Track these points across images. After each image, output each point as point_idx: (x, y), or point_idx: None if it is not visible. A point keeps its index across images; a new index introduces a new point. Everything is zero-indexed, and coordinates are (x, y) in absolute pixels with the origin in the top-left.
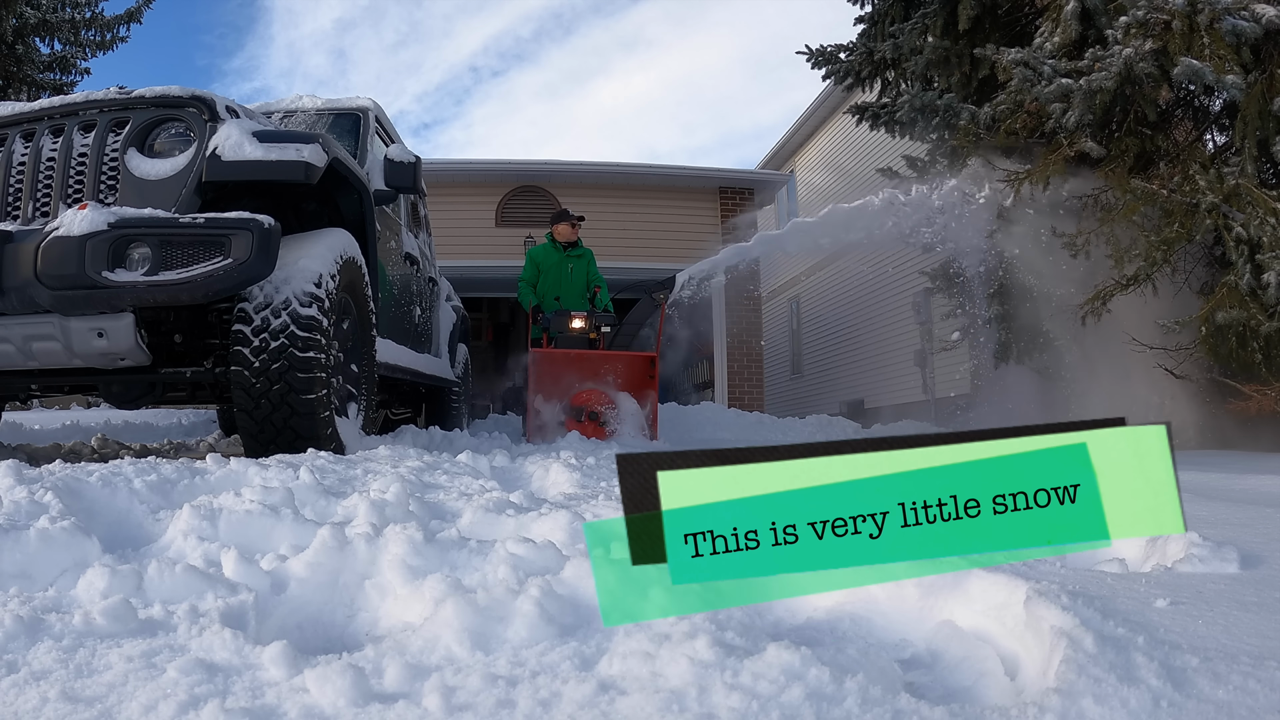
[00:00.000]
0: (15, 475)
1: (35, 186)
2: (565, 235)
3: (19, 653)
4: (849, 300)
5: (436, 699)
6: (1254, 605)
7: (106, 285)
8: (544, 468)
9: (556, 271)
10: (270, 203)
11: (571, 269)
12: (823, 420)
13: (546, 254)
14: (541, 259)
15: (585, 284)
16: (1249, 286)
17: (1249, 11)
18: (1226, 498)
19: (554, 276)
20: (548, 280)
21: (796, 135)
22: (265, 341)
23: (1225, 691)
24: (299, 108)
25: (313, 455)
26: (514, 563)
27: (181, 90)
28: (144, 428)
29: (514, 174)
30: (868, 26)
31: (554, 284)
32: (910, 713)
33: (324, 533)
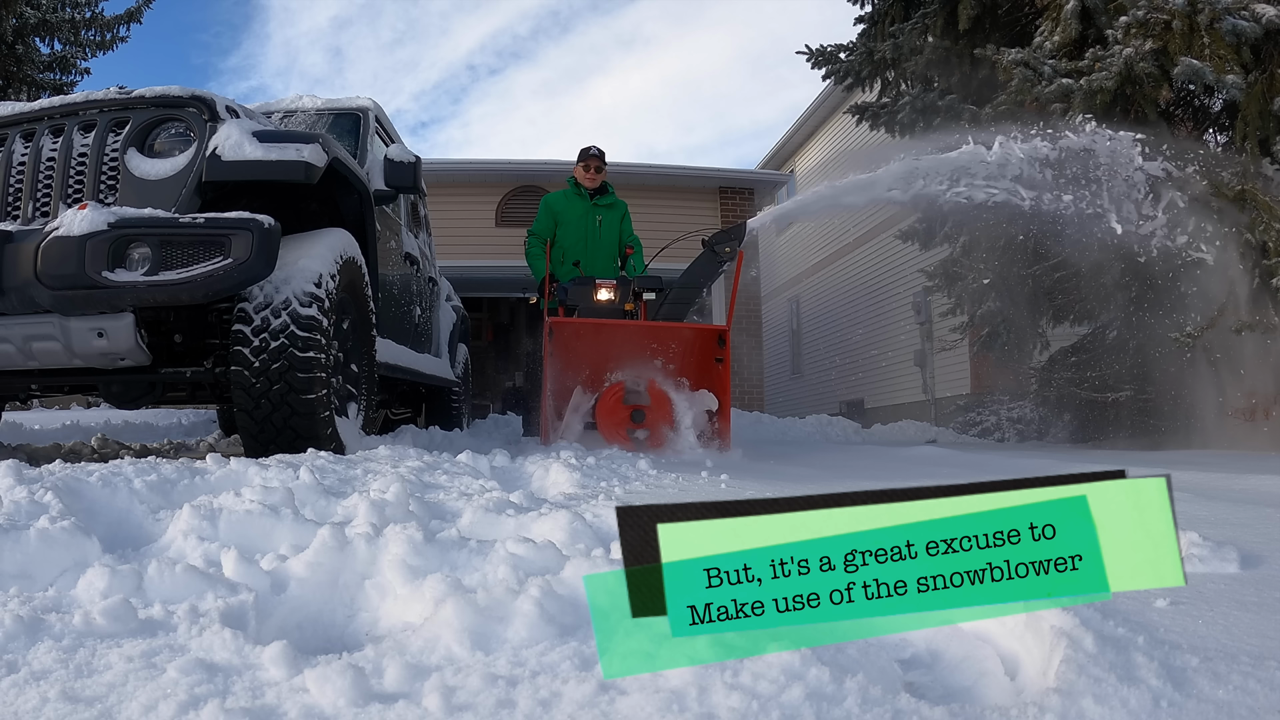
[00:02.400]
0: (15, 475)
1: (35, 186)
2: (589, 179)
3: (19, 653)
4: (849, 300)
5: (436, 699)
6: (1254, 605)
7: (106, 285)
8: (544, 468)
9: (580, 225)
10: (270, 203)
11: (600, 222)
12: (822, 420)
13: (567, 202)
14: (561, 208)
15: (618, 244)
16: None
17: (1249, 11)
18: (1226, 498)
19: (576, 232)
20: (568, 237)
21: (796, 135)
22: (265, 341)
23: (1225, 691)
24: (299, 108)
25: (313, 455)
26: (514, 563)
27: (181, 90)
28: (144, 428)
29: (514, 174)
30: (868, 26)
31: (576, 242)
32: (910, 713)
33: (324, 533)
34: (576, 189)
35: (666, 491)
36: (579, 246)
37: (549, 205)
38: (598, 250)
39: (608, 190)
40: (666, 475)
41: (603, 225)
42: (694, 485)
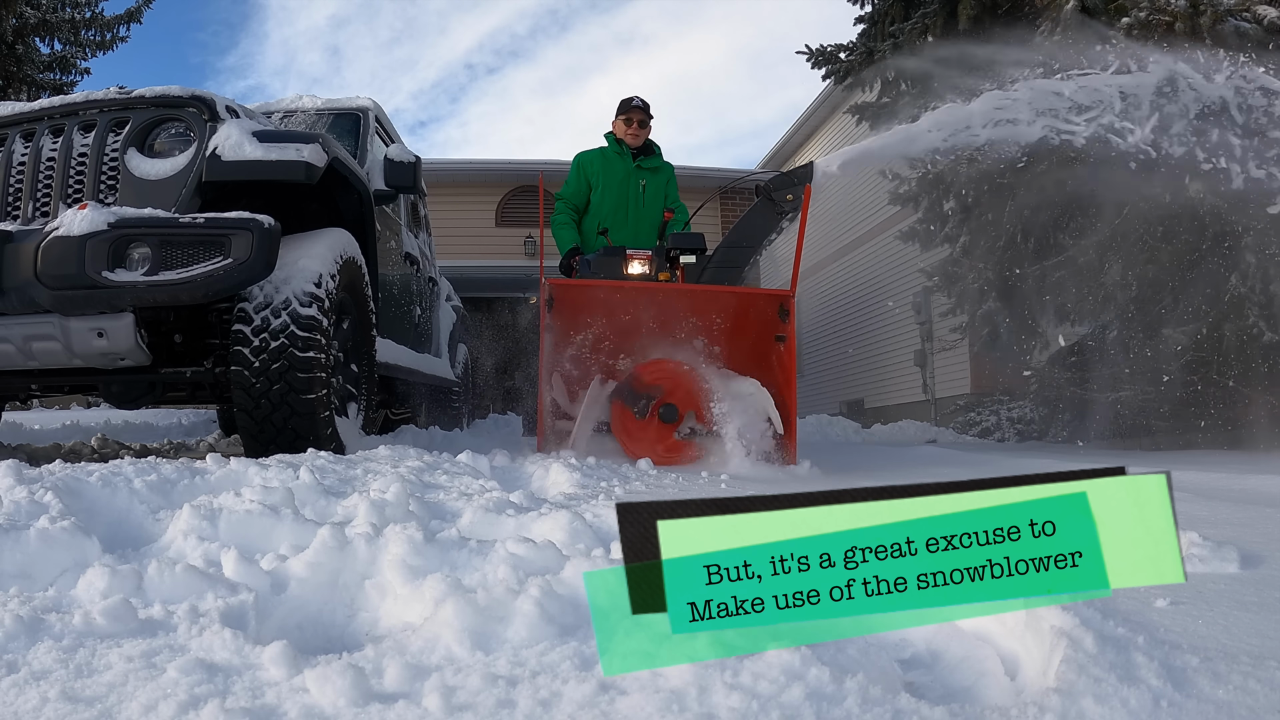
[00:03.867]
0: (15, 475)
1: (35, 186)
2: (632, 135)
3: (19, 653)
4: (849, 300)
5: (436, 699)
6: (1254, 605)
7: (106, 285)
8: (544, 468)
9: (619, 191)
10: (270, 203)
11: (644, 188)
12: (822, 420)
13: (605, 162)
14: (597, 169)
15: (662, 215)
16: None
17: (1251, 13)
18: (1226, 498)
19: (614, 198)
20: (604, 203)
21: (796, 135)
22: (265, 341)
23: (1225, 691)
24: (299, 108)
25: (313, 455)
26: (514, 563)
27: (181, 90)
28: (144, 428)
29: (514, 174)
30: (868, 26)
31: (614, 210)
32: (910, 713)
33: (324, 533)
34: (617, 147)
35: (667, 491)
36: (617, 216)
37: (582, 166)
38: (639, 221)
39: (654, 150)
40: (667, 475)
41: (646, 192)
42: (694, 485)
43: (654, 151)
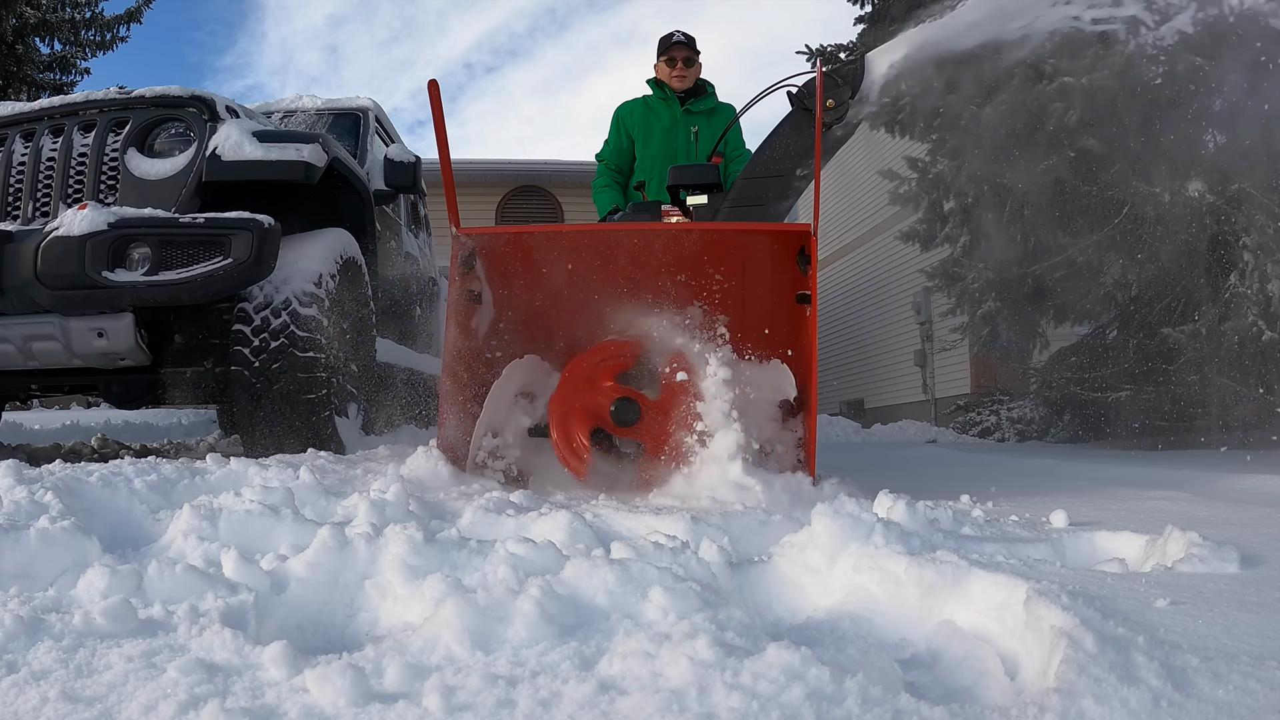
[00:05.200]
0: (15, 475)
1: (35, 186)
2: (676, 77)
3: (19, 653)
4: (849, 300)
5: (436, 699)
6: (1254, 605)
7: (106, 285)
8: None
9: (667, 141)
10: (270, 203)
11: (696, 134)
12: (822, 420)
13: (648, 111)
14: (638, 119)
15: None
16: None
17: None
18: (1226, 498)
19: (662, 150)
20: (649, 157)
21: None
22: (265, 341)
23: (1225, 691)
24: (299, 108)
25: (313, 455)
26: (514, 563)
27: (181, 90)
28: (144, 428)
29: (514, 174)
30: (868, 26)
31: (660, 162)
32: (910, 713)
33: (324, 533)
34: (660, 91)
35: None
36: (663, 166)
37: (621, 119)
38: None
39: (706, 91)
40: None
41: (699, 139)
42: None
43: (707, 92)
